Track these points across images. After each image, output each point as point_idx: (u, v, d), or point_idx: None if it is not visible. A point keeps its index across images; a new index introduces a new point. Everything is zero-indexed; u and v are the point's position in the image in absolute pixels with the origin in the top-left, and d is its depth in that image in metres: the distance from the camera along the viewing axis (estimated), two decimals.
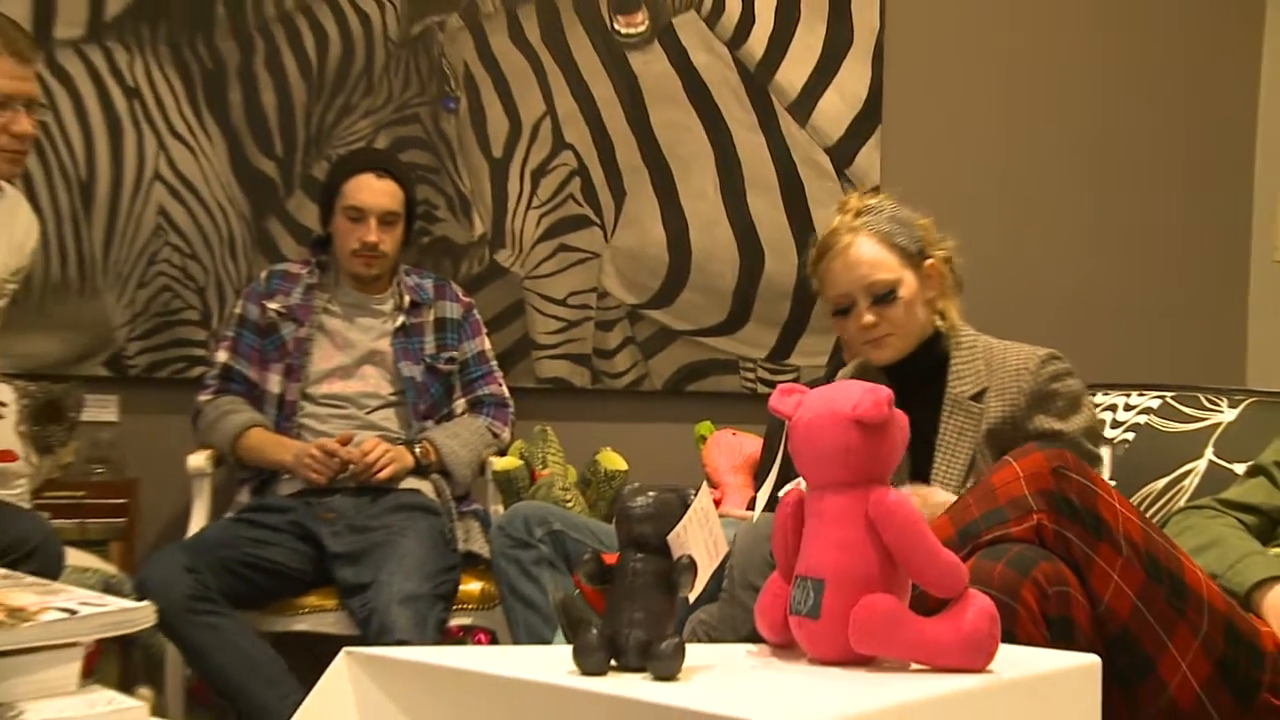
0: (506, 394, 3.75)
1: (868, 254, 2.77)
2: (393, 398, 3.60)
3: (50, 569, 2.68)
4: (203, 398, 3.60)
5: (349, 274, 3.63)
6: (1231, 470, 2.90)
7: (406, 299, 3.64)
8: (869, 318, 2.75)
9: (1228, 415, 3.06)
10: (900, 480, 2.64)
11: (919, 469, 2.72)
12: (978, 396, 2.75)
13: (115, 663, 3.52)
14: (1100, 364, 3.48)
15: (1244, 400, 3.08)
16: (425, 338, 3.64)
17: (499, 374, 3.76)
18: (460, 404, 3.69)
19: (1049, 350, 2.79)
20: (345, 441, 3.42)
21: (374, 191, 3.55)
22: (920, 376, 2.77)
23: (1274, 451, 2.72)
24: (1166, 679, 2.19)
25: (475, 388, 3.70)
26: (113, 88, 4.01)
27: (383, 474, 3.41)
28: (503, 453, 3.72)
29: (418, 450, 3.52)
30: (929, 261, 2.83)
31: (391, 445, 3.48)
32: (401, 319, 3.62)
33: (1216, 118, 4.42)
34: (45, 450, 3.64)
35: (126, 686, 3.49)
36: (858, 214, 2.82)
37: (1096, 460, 2.75)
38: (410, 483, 3.50)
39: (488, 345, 3.76)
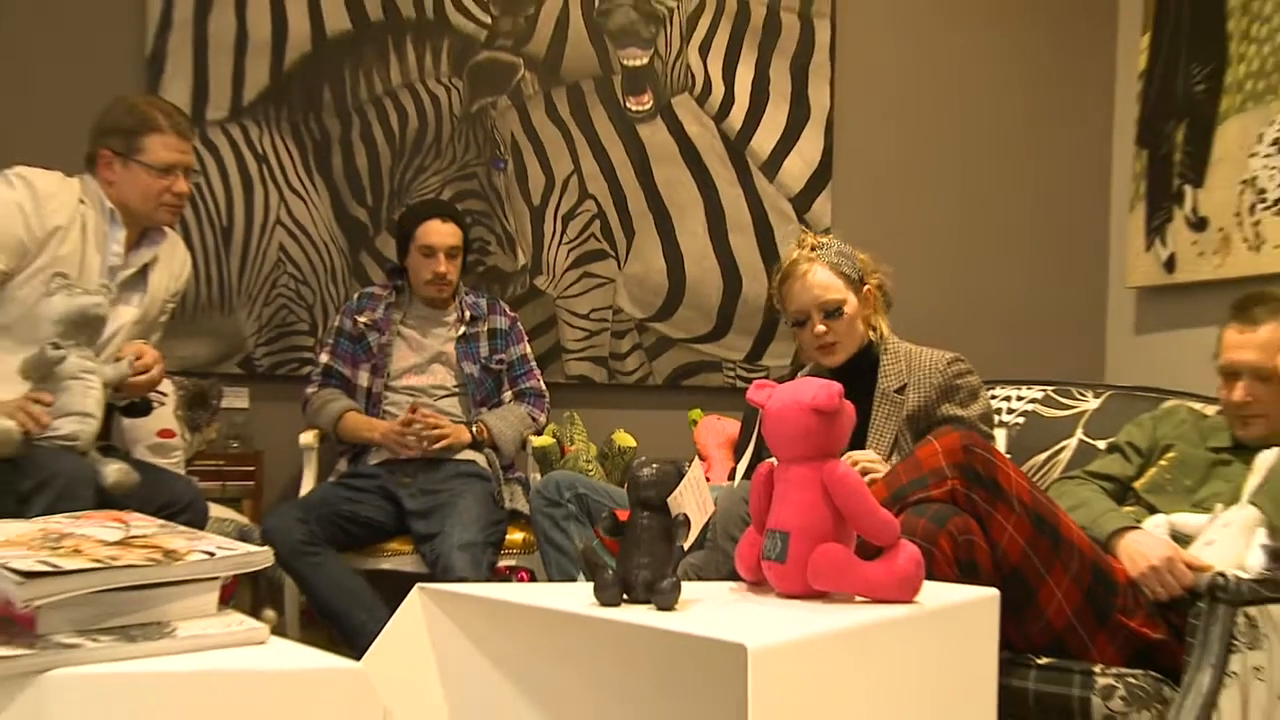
0: (543, 387, 3.75)
1: (821, 278, 2.78)
2: (456, 389, 3.60)
3: (199, 521, 2.70)
4: (310, 390, 3.61)
5: (423, 298, 3.63)
6: (1095, 446, 2.93)
7: (467, 314, 3.64)
8: (821, 328, 2.77)
9: (1093, 404, 3.09)
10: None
11: (854, 447, 2.72)
12: (900, 390, 2.78)
13: (248, 590, 3.55)
14: (999, 366, 3.48)
15: (1105, 393, 3.11)
16: (481, 344, 3.64)
17: (537, 372, 3.76)
18: (508, 395, 3.69)
19: (955, 354, 2.82)
20: (413, 411, 3.44)
21: (441, 234, 3.55)
22: (858, 375, 2.77)
23: (1126, 434, 2.75)
24: (1045, 606, 2.22)
25: (519, 382, 3.70)
26: (247, 155, 4.03)
27: (438, 445, 3.41)
28: (539, 433, 3.73)
29: (474, 429, 3.52)
30: (866, 287, 2.84)
31: (452, 424, 3.49)
32: (463, 329, 3.62)
33: (1084, 185, 4.42)
34: (195, 429, 3.69)
35: (256, 608, 3.55)
36: (813, 248, 2.83)
37: (990, 439, 2.76)
38: (468, 455, 3.50)
39: (529, 350, 3.76)
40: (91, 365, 2.53)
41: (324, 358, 3.62)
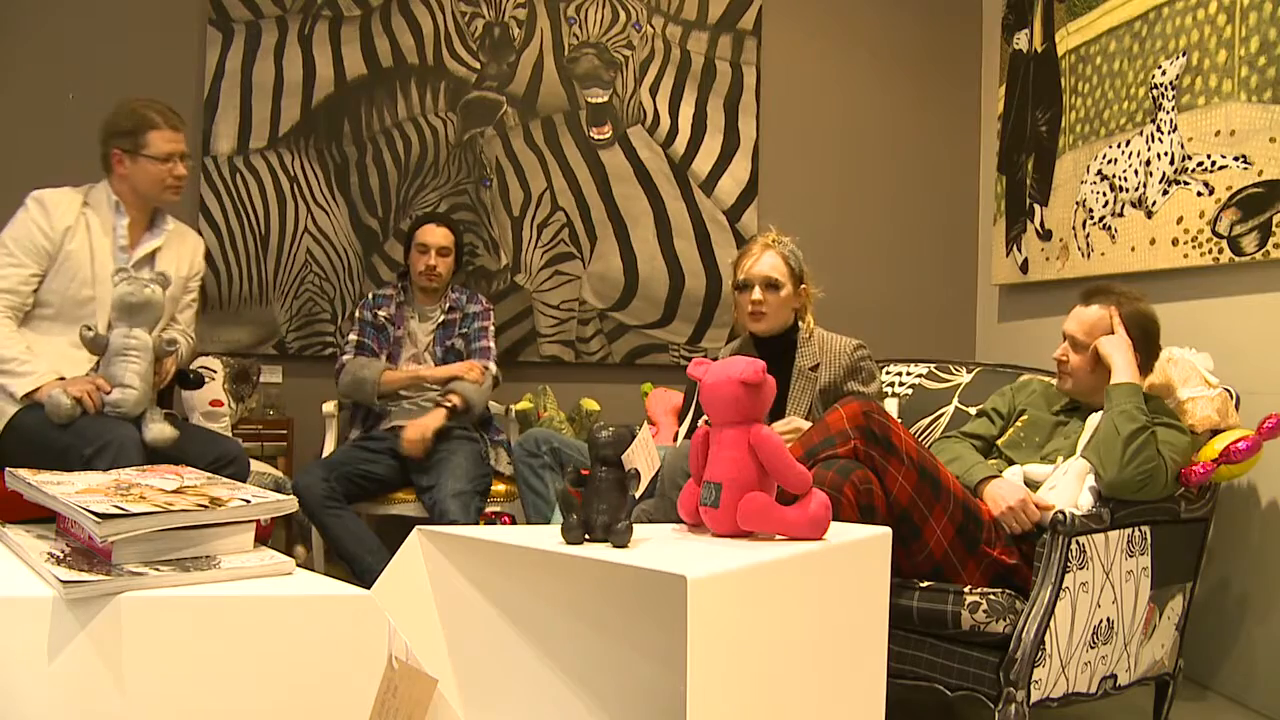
0: (493, 349, 3.59)
1: (771, 260, 2.77)
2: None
3: (242, 473, 2.71)
4: (346, 357, 3.51)
5: (419, 288, 3.58)
6: (968, 412, 2.94)
7: (448, 305, 3.59)
8: (758, 295, 2.74)
9: (966, 378, 3.10)
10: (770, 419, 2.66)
11: (775, 415, 2.73)
12: (814, 368, 2.76)
13: (283, 530, 3.54)
14: (892, 347, 3.51)
15: (975, 369, 3.12)
16: (454, 328, 3.56)
17: (490, 342, 3.59)
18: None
19: (859, 341, 2.81)
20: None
21: (434, 234, 3.52)
22: (781, 354, 2.77)
23: (991, 402, 2.77)
24: (927, 540, 2.23)
25: (472, 343, 3.56)
26: (281, 176, 4.00)
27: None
28: (497, 383, 3.60)
29: (451, 401, 3.38)
30: (803, 286, 2.82)
31: (428, 419, 3.34)
32: (442, 318, 3.57)
33: (958, 203, 4.45)
34: (239, 400, 3.67)
35: (289, 546, 3.54)
36: (774, 240, 2.82)
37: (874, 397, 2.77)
38: (460, 422, 3.46)
39: (490, 325, 3.61)
40: (134, 344, 2.53)
41: (353, 336, 3.54)
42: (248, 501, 1.42)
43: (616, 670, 1.70)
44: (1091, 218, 3.48)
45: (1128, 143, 3.29)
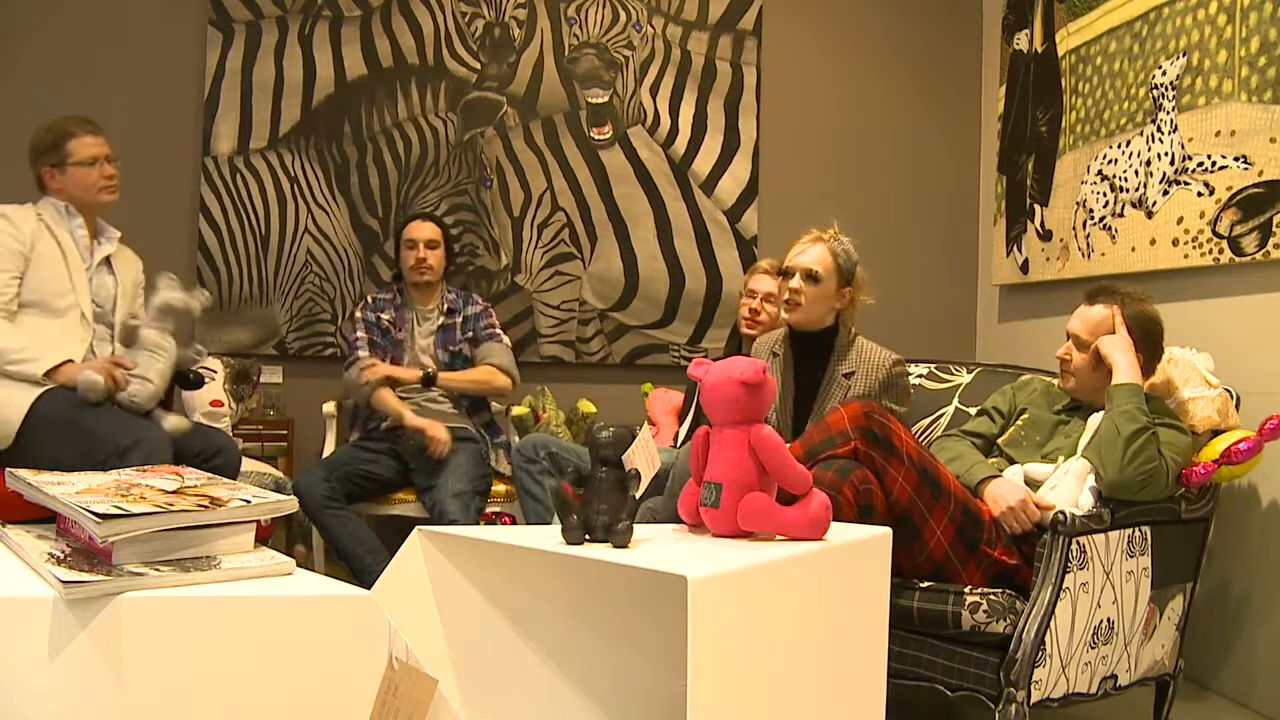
0: (501, 334, 3.61)
1: (818, 252, 2.70)
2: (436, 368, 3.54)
3: (231, 462, 2.77)
4: (361, 353, 3.47)
5: (412, 284, 3.56)
6: (968, 412, 2.93)
7: (446, 307, 3.58)
8: (796, 284, 2.69)
9: (966, 378, 3.09)
10: (781, 425, 2.64)
11: (801, 416, 2.70)
12: (848, 375, 2.69)
13: (284, 530, 3.54)
14: (894, 347, 3.47)
15: (975, 370, 3.11)
16: (456, 331, 3.55)
17: (498, 330, 3.61)
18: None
19: (898, 356, 2.72)
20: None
21: (420, 229, 3.52)
22: (817, 354, 2.74)
23: (991, 401, 2.77)
24: (927, 540, 2.23)
25: (480, 334, 3.56)
26: (281, 177, 4.00)
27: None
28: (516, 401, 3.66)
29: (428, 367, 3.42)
30: (847, 288, 2.75)
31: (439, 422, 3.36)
32: (441, 320, 3.57)
33: (958, 204, 4.45)
34: (239, 400, 3.69)
35: (290, 546, 3.55)
36: (832, 235, 2.78)
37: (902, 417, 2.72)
38: (461, 422, 3.46)
39: (494, 320, 3.62)
40: (165, 344, 2.65)
41: (361, 334, 3.51)
42: (248, 502, 1.42)
43: (616, 670, 1.70)
44: (1092, 218, 3.48)
45: (1128, 143, 3.29)
